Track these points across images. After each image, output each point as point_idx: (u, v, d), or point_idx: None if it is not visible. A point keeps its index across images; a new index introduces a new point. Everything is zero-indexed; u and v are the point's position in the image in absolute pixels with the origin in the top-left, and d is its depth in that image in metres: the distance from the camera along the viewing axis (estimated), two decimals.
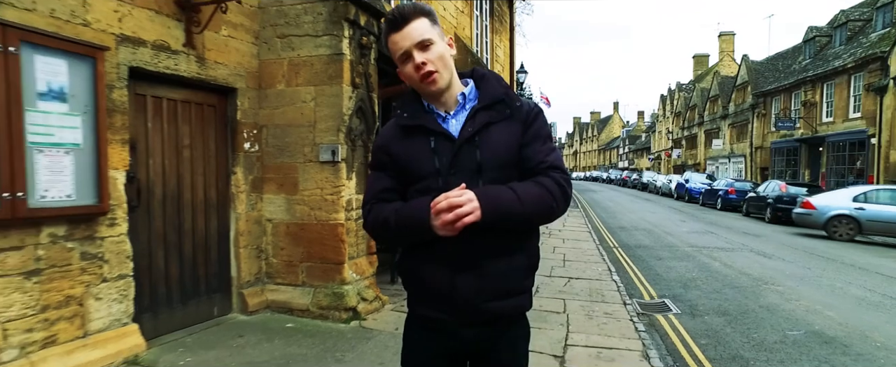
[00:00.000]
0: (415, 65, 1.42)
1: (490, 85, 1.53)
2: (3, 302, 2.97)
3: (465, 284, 1.44)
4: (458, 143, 1.44)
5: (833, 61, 21.87)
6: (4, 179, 2.88)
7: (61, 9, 3.22)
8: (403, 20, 1.43)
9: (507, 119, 1.48)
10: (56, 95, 3.15)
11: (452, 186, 1.39)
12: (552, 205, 1.43)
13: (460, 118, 1.49)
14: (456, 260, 1.43)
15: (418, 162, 1.47)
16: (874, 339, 4.82)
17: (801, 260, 9.39)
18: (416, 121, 1.50)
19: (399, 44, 1.43)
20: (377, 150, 1.58)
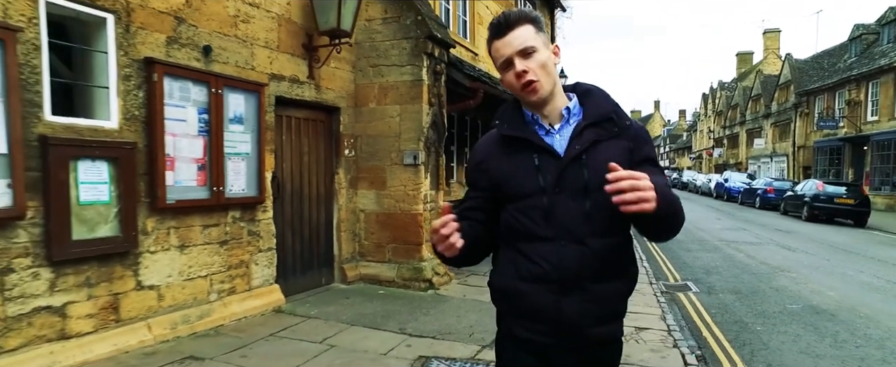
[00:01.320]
0: (516, 73, 1.38)
1: (596, 100, 1.47)
2: (209, 261, 4.37)
3: (571, 306, 1.37)
4: (565, 161, 1.38)
5: (879, 59, 21.89)
6: (214, 177, 4.28)
7: (240, 60, 4.60)
8: (507, 27, 1.39)
9: (614, 138, 1.42)
10: (238, 120, 4.54)
11: (557, 204, 1.37)
12: (682, 217, 1.40)
13: (565, 134, 1.43)
14: (564, 279, 1.37)
15: (520, 179, 1.42)
16: (860, 311, 5.77)
17: (823, 253, 10.16)
18: (518, 133, 1.44)
19: (501, 51, 1.40)
20: (474, 167, 1.55)
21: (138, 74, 3.75)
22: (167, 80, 3.88)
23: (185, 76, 4.03)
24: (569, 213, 1.36)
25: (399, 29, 5.95)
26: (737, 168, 38.73)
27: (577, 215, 1.36)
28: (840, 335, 4.92)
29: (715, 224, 15.49)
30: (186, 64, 4.07)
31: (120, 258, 3.67)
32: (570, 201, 1.36)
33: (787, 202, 19.52)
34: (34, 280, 3.18)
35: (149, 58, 3.78)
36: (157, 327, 3.90)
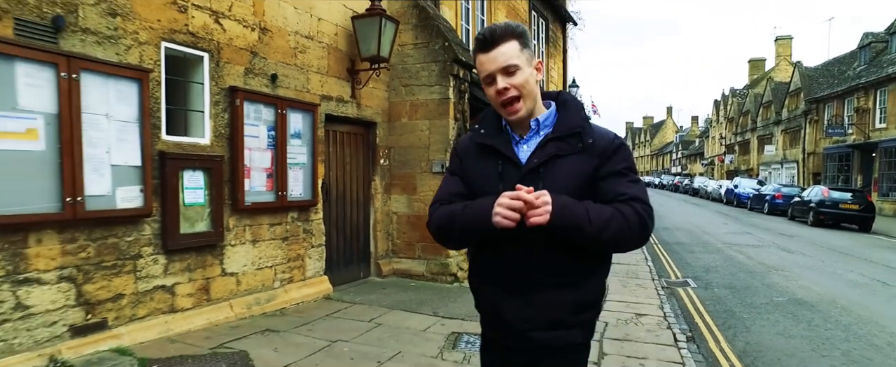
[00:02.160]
0: (497, 90, 1.43)
1: (569, 114, 1.52)
2: (273, 254, 5.23)
3: (512, 309, 1.47)
4: (524, 171, 1.47)
5: (887, 68, 22.36)
6: (279, 184, 5.14)
7: (298, 85, 5.48)
8: (492, 42, 1.43)
9: (578, 153, 1.46)
10: (296, 135, 5.40)
11: None
12: (625, 231, 1.40)
13: (532, 144, 1.51)
14: (508, 284, 1.47)
15: (484, 180, 1.51)
16: (838, 303, 6.47)
17: (820, 255, 10.80)
18: (488, 141, 1.54)
19: (485, 66, 1.45)
20: (454, 156, 1.66)
21: (224, 100, 4.63)
22: (246, 103, 4.75)
23: (258, 100, 4.91)
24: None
25: (428, 53, 6.80)
26: (748, 174, 39.07)
27: (528, 226, 1.38)
28: (814, 321, 5.64)
29: (721, 228, 16.10)
30: (259, 90, 4.94)
31: (210, 250, 4.53)
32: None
33: (794, 208, 20.03)
34: (154, 265, 4.05)
35: (233, 86, 4.66)
36: (237, 306, 4.75)
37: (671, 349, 4.51)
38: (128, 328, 3.83)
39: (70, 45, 3.42)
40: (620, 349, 4.43)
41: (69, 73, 3.34)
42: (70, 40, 3.43)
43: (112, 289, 3.75)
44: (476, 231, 1.45)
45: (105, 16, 3.64)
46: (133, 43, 3.83)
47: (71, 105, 3.36)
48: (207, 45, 4.44)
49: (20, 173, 3.16)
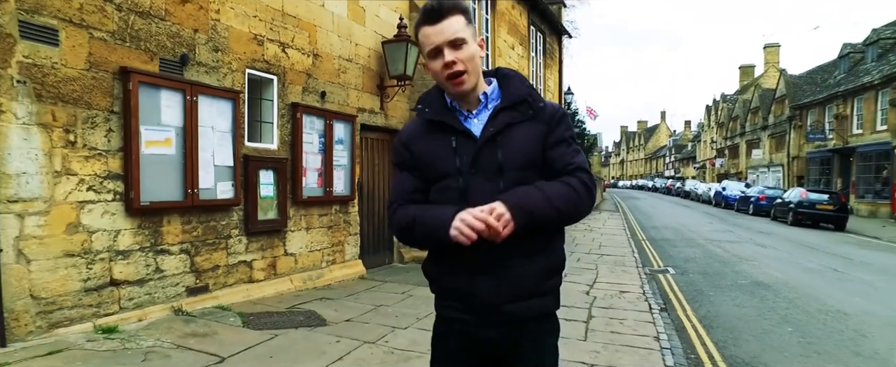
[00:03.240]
0: (444, 63, 1.41)
1: (513, 85, 1.52)
2: (321, 239, 6.35)
3: (486, 285, 1.46)
4: (480, 143, 1.46)
5: (863, 77, 23.71)
6: (327, 181, 6.27)
7: (340, 99, 6.61)
8: (440, 15, 1.41)
9: (529, 120, 1.48)
10: (339, 141, 6.54)
11: (472, 185, 1.44)
12: (578, 204, 1.45)
13: (482, 117, 1.50)
14: (477, 265, 1.45)
15: (439, 160, 1.49)
16: (790, 284, 7.64)
17: (789, 249, 12.00)
18: (438, 117, 1.50)
19: (431, 38, 1.42)
20: (400, 147, 1.58)
21: (288, 113, 5.76)
22: (304, 116, 5.88)
23: (312, 113, 6.04)
24: (483, 193, 1.40)
25: None
26: (737, 177, 40.43)
27: (491, 196, 1.38)
28: (766, 297, 6.81)
29: (705, 227, 17.31)
30: (312, 105, 6.07)
31: (277, 233, 5.65)
32: (484, 182, 1.43)
33: (776, 209, 21.28)
34: (239, 244, 5.17)
35: (294, 102, 5.79)
36: (296, 281, 5.87)
37: (646, 314, 5.66)
38: (222, 292, 4.95)
39: (190, 76, 4.55)
40: (606, 314, 5.58)
41: (191, 96, 4.47)
42: (190, 72, 4.56)
43: (212, 261, 4.87)
44: (435, 241, 1.45)
45: (211, 51, 4.77)
46: (228, 71, 4.96)
47: (192, 120, 4.48)
48: (277, 70, 5.57)
49: (160, 171, 4.28)
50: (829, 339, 5.03)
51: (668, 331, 5.04)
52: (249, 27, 5.19)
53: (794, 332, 5.25)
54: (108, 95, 3.90)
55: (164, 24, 4.32)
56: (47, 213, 3.56)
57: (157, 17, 4.27)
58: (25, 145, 3.41)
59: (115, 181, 3.98)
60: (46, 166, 3.53)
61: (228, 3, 4.93)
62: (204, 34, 4.69)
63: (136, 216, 4.14)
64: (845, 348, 4.76)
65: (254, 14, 5.23)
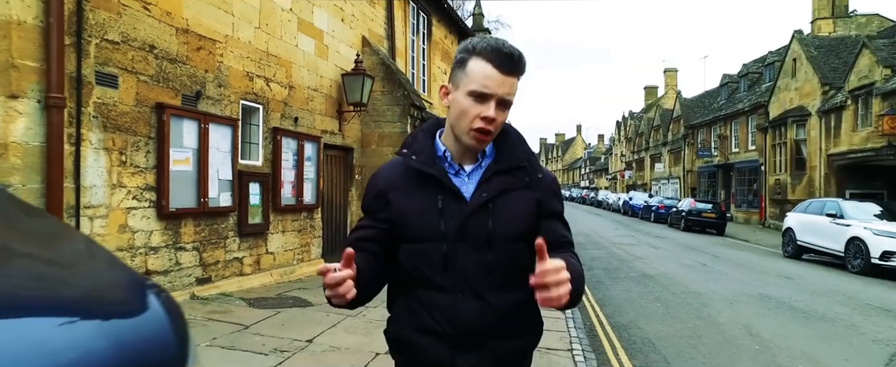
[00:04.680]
0: (485, 115, 1.23)
1: (512, 145, 1.36)
2: (293, 241, 7.50)
3: (469, 364, 1.29)
4: (470, 209, 1.28)
5: (737, 104, 27.64)
6: (299, 192, 7.45)
7: (309, 123, 7.82)
8: (514, 68, 1.25)
9: (523, 188, 1.32)
10: (309, 158, 7.74)
11: (458, 255, 1.27)
12: (582, 288, 1.28)
13: (474, 177, 1.33)
14: (461, 338, 1.28)
15: (420, 221, 1.29)
16: (669, 275, 9.70)
17: (675, 250, 14.40)
18: (429, 169, 1.31)
19: (490, 83, 1.23)
20: (375, 193, 1.37)
21: (270, 136, 6.91)
22: (282, 138, 7.06)
23: (288, 135, 7.22)
24: (469, 264, 1.27)
25: (392, 99, 9.35)
26: (643, 188, 44.60)
27: (478, 268, 1.27)
28: (648, 284, 8.74)
29: (612, 233, 19.75)
30: (288, 128, 7.26)
31: (261, 235, 6.78)
32: (471, 252, 1.27)
33: (672, 216, 24.35)
34: (234, 243, 6.27)
35: (275, 127, 6.96)
36: (274, 275, 7.00)
37: None
38: (221, 283, 6.03)
39: (202, 107, 5.66)
40: None
41: (204, 124, 5.58)
42: (202, 104, 5.66)
43: (214, 257, 5.95)
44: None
45: (217, 87, 5.90)
46: (228, 102, 6.09)
47: (204, 143, 5.59)
48: (262, 100, 6.73)
49: (182, 184, 5.36)
50: (683, 309, 6.91)
51: (573, 310, 6.71)
52: (243, 66, 6.34)
53: (661, 306, 7.10)
54: (147, 125, 4.97)
55: (184, 67, 5.42)
56: (107, 217, 4.58)
57: (180, 62, 5.37)
58: (95, 165, 4.45)
59: (150, 192, 5.04)
60: (107, 180, 4.57)
61: (229, 48, 6.07)
62: (211, 73, 5.81)
63: (165, 220, 5.20)
64: (691, 314, 6.64)
65: (246, 56, 6.39)
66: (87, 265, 1.09)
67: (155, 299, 0.92)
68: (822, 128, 19.39)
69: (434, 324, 1.30)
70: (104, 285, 0.97)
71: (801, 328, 6.05)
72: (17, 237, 1.13)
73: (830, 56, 20.15)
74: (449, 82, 1.34)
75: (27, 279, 0.89)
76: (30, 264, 0.98)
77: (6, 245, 1.04)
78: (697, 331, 5.80)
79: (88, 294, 0.91)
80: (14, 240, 1.09)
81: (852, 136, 17.60)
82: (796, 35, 21.27)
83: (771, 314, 6.73)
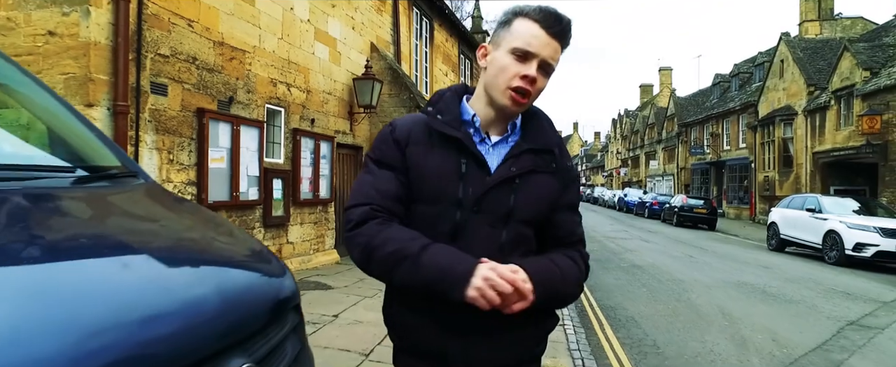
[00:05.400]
0: (526, 74, 1.17)
1: (543, 128, 1.30)
2: (310, 232, 8.18)
3: (468, 351, 1.21)
4: (495, 179, 1.20)
5: (729, 103, 28.40)
6: (315, 187, 8.13)
7: (324, 124, 8.50)
8: (561, 33, 1.19)
9: (550, 173, 1.27)
10: (324, 156, 8.42)
11: (471, 226, 1.19)
12: (580, 286, 1.28)
13: (499, 150, 1.25)
14: (461, 323, 1.18)
15: (439, 182, 1.20)
16: (657, 266, 10.41)
17: (666, 243, 15.13)
18: (454, 132, 1.22)
19: (535, 43, 1.17)
20: (391, 142, 1.25)
21: (290, 136, 7.59)
22: (301, 138, 7.74)
23: (306, 135, 7.89)
24: (481, 240, 1.19)
25: (399, 101, 10.02)
26: (639, 185, 45.38)
27: (490, 244, 1.19)
28: (636, 273, 9.46)
29: (606, 228, 20.47)
30: (306, 129, 7.93)
31: (282, 227, 7.45)
32: (486, 226, 1.20)
33: (665, 212, 25.12)
34: (259, 233, 6.94)
35: (295, 128, 7.63)
36: (293, 263, 7.68)
37: None
38: None
39: (234, 111, 6.33)
40: None
41: (236, 126, 6.25)
42: (233, 108, 6.34)
43: None
44: (433, 292, 1.13)
45: (246, 92, 6.57)
46: (255, 106, 6.76)
47: (236, 143, 6.26)
48: (284, 103, 7.41)
49: (218, 180, 6.03)
50: (665, 293, 7.63)
51: None
52: (268, 73, 7.01)
53: (646, 291, 7.82)
54: (190, 127, 5.64)
55: (220, 76, 6.09)
56: None
57: (216, 71, 6.03)
58: (150, 163, 5.12)
59: (192, 186, 5.71)
60: (159, 176, 5.24)
61: (256, 57, 6.74)
62: (242, 81, 6.48)
63: None
64: (672, 297, 7.35)
65: (271, 64, 7.06)
66: (238, 235, 1.76)
67: (276, 257, 1.59)
68: (808, 127, 20.14)
69: (433, 305, 1.17)
70: (254, 247, 1.64)
71: (767, 308, 6.77)
72: (192, 217, 1.81)
73: (816, 58, 20.89)
74: (489, 43, 1.27)
75: (218, 242, 1.56)
76: (209, 234, 1.66)
77: (192, 221, 1.72)
78: (676, 311, 6.51)
79: (251, 253, 1.58)
80: (195, 219, 1.77)
81: (836, 134, 18.36)
82: (783, 37, 22.00)
83: (743, 297, 7.45)
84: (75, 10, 4.40)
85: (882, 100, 15.65)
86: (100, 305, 0.95)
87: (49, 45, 4.44)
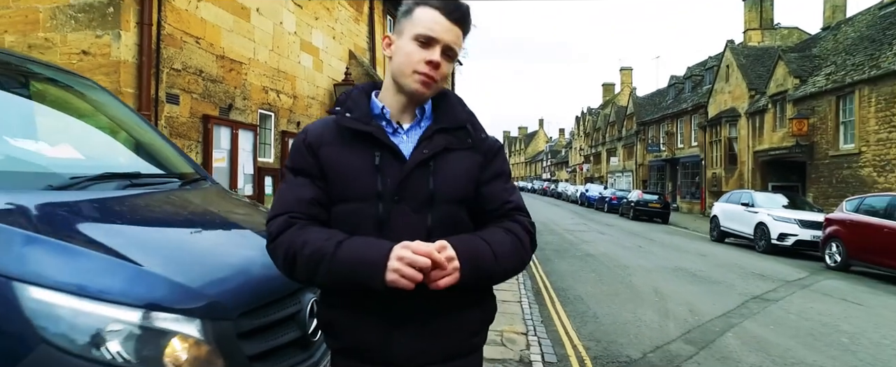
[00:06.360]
0: (430, 59, 1.19)
1: (452, 107, 1.31)
2: None
3: (405, 342, 1.19)
4: (411, 165, 1.21)
5: (682, 104, 30.20)
6: None
7: None
8: (461, 18, 1.23)
9: (467, 149, 1.27)
10: None
11: (394, 215, 1.19)
12: (523, 257, 1.26)
13: (412, 137, 1.26)
14: (396, 313, 1.17)
15: (355, 179, 1.20)
16: (608, 255, 11.61)
17: (619, 235, 16.45)
18: (364, 127, 1.22)
19: (436, 28, 1.20)
20: (303, 148, 1.26)
21: (279, 138, 8.38)
22: (289, 139, 8.54)
23: (292, 137, 8.69)
24: (407, 227, 1.18)
25: None
26: (600, 181, 47.26)
27: (417, 231, 1.18)
28: (588, 261, 10.62)
29: (567, 222, 21.78)
30: (293, 131, 8.73)
31: None
32: (409, 214, 1.20)
33: (622, 207, 26.65)
34: None
35: (283, 130, 8.43)
36: None
37: None
38: None
39: (233, 117, 7.11)
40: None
41: (235, 130, 7.04)
42: (233, 114, 7.11)
43: None
44: (355, 285, 1.12)
45: (242, 99, 7.35)
46: (250, 112, 7.55)
47: (235, 145, 7.05)
48: (274, 108, 8.20)
49: (220, 178, 6.80)
50: (611, 277, 8.78)
51: (525, 278, 8.45)
52: (261, 82, 7.80)
53: (595, 276, 8.95)
54: (197, 131, 6.41)
55: (221, 86, 6.87)
56: None
57: (218, 81, 6.81)
58: None
59: None
60: None
61: (251, 68, 7.53)
62: (239, 89, 7.27)
63: None
64: (616, 280, 8.51)
65: (263, 73, 7.84)
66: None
67: None
68: (750, 128, 21.89)
69: (366, 298, 1.16)
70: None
71: (693, 287, 7.98)
72: (247, 206, 2.72)
73: (757, 64, 22.65)
74: (393, 33, 1.29)
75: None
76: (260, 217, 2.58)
77: (249, 208, 2.64)
78: (617, 290, 7.64)
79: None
80: (249, 207, 2.68)
81: (772, 135, 20.10)
82: (729, 45, 23.74)
83: (676, 279, 8.67)
84: (107, 34, 5.15)
85: (808, 105, 17.35)
86: (256, 252, 1.86)
87: (83, 63, 5.17)
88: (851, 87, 15.71)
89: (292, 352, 2.02)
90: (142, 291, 1.63)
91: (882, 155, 14.64)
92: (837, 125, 16.50)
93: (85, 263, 1.64)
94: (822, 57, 18.93)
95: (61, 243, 1.66)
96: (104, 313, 1.56)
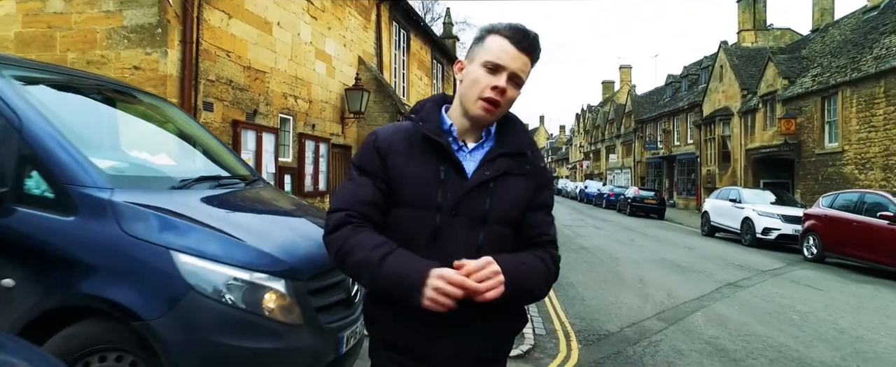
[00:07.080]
0: (496, 85, 1.29)
1: (516, 132, 1.41)
2: None
3: (444, 345, 1.31)
4: (472, 183, 1.31)
5: (679, 102, 30.90)
6: (315, 181, 9.72)
7: (322, 128, 10.07)
8: (530, 48, 1.32)
9: (524, 175, 1.37)
10: (322, 156, 9.99)
11: (449, 229, 1.29)
12: (548, 285, 1.37)
13: (476, 155, 1.36)
14: (437, 318, 1.23)
15: (419, 188, 1.30)
16: (602, 248, 12.37)
17: (615, 230, 17.21)
18: (437, 137, 1.32)
19: (505, 57, 1.30)
20: (373, 150, 1.35)
21: (297, 139, 9.15)
22: (305, 141, 9.31)
23: (309, 138, 9.46)
24: (459, 241, 1.29)
25: (383, 107, 11.64)
26: (599, 177, 48.01)
27: (468, 246, 1.28)
28: (582, 253, 11.38)
29: (566, 217, 22.51)
30: (308, 133, 9.50)
31: None
32: (463, 229, 1.30)
33: (620, 203, 27.39)
34: None
35: (300, 132, 9.20)
36: None
37: None
38: None
39: (257, 121, 7.87)
40: None
41: (259, 133, 7.81)
42: (257, 119, 7.88)
43: None
44: (395, 297, 1.24)
45: (265, 105, 8.11)
46: (272, 116, 8.31)
47: (259, 147, 7.81)
48: (292, 112, 8.96)
49: None
50: (601, 267, 9.54)
51: None
52: (281, 89, 8.56)
53: (586, 266, 9.71)
54: (227, 136, 7.17)
55: (247, 93, 7.63)
56: None
57: (244, 89, 7.57)
58: None
59: None
60: None
61: (273, 77, 8.29)
62: (262, 96, 8.03)
63: None
64: (606, 270, 9.27)
65: (283, 81, 8.60)
66: (315, 209, 3.45)
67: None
68: (742, 126, 22.61)
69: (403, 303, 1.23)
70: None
71: (675, 276, 8.75)
72: (295, 200, 3.49)
73: (749, 64, 23.34)
74: (465, 59, 1.38)
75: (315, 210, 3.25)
76: (309, 208, 3.35)
77: (297, 202, 3.41)
78: (605, 278, 8.41)
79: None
80: (296, 201, 3.45)
81: (763, 134, 20.83)
82: (722, 45, 24.43)
83: (660, 269, 9.43)
84: (156, 51, 5.91)
85: (796, 105, 18.07)
86: (315, 234, 2.63)
87: (134, 77, 5.93)
88: (835, 88, 16.42)
89: (341, 309, 2.83)
90: (248, 258, 2.44)
91: (863, 154, 15.36)
92: (823, 125, 17.22)
93: (212, 239, 2.43)
94: (810, 59, 19.64)
95: (196, 225, 2.45)
96: (226, 271, 2.37)
